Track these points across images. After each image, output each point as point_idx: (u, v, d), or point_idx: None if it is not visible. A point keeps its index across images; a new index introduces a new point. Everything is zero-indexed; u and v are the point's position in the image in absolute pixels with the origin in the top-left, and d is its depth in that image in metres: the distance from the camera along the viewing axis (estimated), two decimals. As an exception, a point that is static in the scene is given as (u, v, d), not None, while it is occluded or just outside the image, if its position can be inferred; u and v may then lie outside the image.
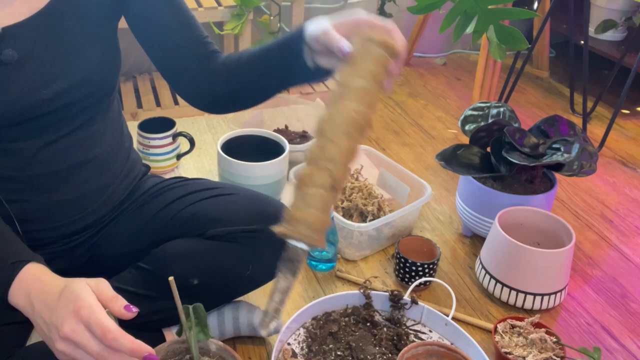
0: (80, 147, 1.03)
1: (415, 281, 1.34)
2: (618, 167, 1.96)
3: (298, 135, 1.87)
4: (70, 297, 0.73)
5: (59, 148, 1.00)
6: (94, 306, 0.72)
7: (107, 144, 1.08)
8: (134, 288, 1.07)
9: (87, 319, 0.71)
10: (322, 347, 1.17)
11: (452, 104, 2.33)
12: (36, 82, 0.92)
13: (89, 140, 1.04)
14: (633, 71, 1.91)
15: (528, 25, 2.24)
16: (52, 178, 1.01)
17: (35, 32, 0.92)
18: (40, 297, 0.77)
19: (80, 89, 0.97)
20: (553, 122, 1.51)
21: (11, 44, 0.89)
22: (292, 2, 2.01)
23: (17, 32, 0.90)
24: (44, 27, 0.92)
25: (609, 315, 1.36)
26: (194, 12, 1.93)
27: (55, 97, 0.94)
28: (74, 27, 0.95)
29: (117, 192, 1.13)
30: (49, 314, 0.75)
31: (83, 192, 1.05)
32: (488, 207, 1.44)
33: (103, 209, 1.11)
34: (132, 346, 0.71)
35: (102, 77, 1.01)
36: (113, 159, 1.11)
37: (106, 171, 1.09)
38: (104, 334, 0.71)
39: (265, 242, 1.10)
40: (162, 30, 1.03)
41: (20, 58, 0.90)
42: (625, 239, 1.62)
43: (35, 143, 0.97)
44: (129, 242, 1.14)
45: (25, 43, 0.91)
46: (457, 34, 1.30)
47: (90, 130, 1.04)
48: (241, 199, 1.15)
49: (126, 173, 1.15)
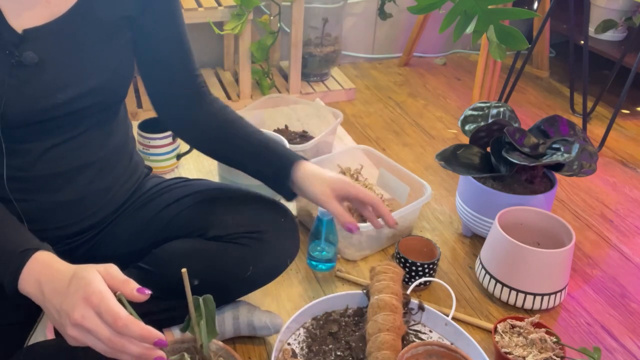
0: (85, 149, 1.03)
1: (415, 281, 1.34)
2: (618, 167, 1.96)
3: (298, 135, 1.87)
4: (81, 284, 0.74)
5: (65, 150, 1.00)
6: (104, 292, 0.73)
7: (113, 147, 1.09)
8: None
9: (98, 306, 0.72)
10: (322, 347, 1.18)
11: (452, 104, 2.33)
12: (52, 86, 0.93)
13: (95, 143, 1.05)
14: (633, 71, 1.91)
15: (528, 25, 2.24)
16: (57, 179, 1.01)
17: (54, 36, 0.93)
18: (50, 284, 0.77)
19: (93, 96, 0.98)
20: (553, 122, 1.51)
21: (31, 46, 0.90)
22: (292, 2, 2.01)
23: (37, 35, 0.91)
24: (63, 32, 0.93)
25: (609, 315, 1.36)
26: (194, 12, 1.94)
27: (68, 102, 0.95)
28: (91, 35, 0.96)
29: (120, 194, 1.13)
30: (59, 301, 0.75)
31: (86, 193, 1.06)
32: (488, 207, 1.44)
33: (105, 210, 1.12)
34: (142, 332, 0.72)
35: (115, 85, 1.02)
36: (117, 161, 1.11)
37: (110, 173, 1.09)
38: (115, 320, 0.71)
39: (266, 243, 1.11)
40: (159, 59, 1.07)
41: (40, 61, 0.91)
42: (625, 239, 1.62)
43: (42, 145, 0.97)
44: (130, 242, 1.14)
45: (44, 46, 0.92)
46: (457, 34, 1.30)
47: (97, 134, 1.04)
48: (242, 200, 1.15)
49: (129, 175, 1.16)
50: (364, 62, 2.66)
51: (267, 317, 1.20)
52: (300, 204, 1.57)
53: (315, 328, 1.22)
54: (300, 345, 1.19)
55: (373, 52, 2.68)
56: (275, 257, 1.14)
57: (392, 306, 1.15)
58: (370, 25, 2.62)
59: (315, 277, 1.42)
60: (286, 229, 1.15)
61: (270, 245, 1.11)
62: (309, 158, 1.66)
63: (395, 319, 1.13)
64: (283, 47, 2.35)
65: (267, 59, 2.15)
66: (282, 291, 1.37)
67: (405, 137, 2.08)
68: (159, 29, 1.05)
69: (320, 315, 1.25)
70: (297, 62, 2.15)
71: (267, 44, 2.06)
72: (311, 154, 1.71)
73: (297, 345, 1.19)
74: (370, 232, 1.44)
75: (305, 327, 1.22)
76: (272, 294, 1.35)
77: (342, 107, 2.21)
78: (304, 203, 1.54)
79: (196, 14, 1.95)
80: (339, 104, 2.25)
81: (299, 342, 1.19)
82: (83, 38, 0.95)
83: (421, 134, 2.10)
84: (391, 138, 2.06)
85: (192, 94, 1.12)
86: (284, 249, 1.15)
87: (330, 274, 1.43)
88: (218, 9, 1.97)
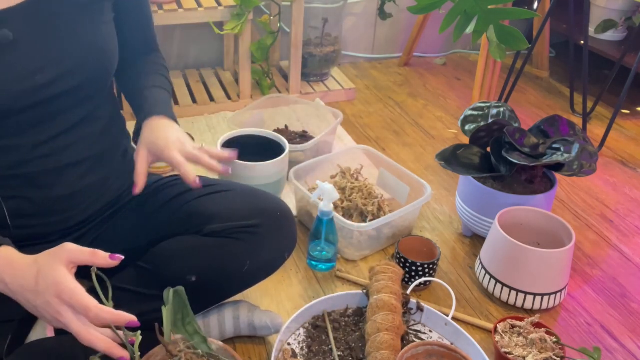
0: (78, 145, 1.03)
1: (415, 281, 1.34)
2: (618, 167, 1.96)
3: (298, 135, 1.87)
4: (49, 282, 0.79)
5: (58, 146, 1.00)
6: (73, 288, 0.79)
7: (106, 143, 1.09)
8: (134, 287, 1.08)
9: (70, 302, 0.78)
10: (322, 347, 1.18)
11: (452, 104, 2.33)
12: (30, 67, 0.92)
13: (88, 139, 1.04)
14: (633, 71, 1.91)
15: (528, 25, 2.24)
16: (49, 175, 1.01)
17: (28, 16, 0.93)
18: (15, 281, 0.82)
19: (74, 76, 0.97)
20: (553, 122, 1.51)
21: (5, 27, 0.90)
22: (292, 2, 2.01)
23: (10, 16, 0.91)
24: (37, 12, 0.93)
25: (609, 315, 1.36)
26: (194, 12, 1.94)
27: (48, 84, 0.94)
28: (68, 15, 0.96)
29: (113, 188, 1.13)
30: (33, 297, 0.81)
31: (79, 188, 1.05)
32: (488, 207, 1.44)
33: (98, 204, 1.11)
34: (113, 317, 0.79)
35: (96, 65, 1.01)
36: (111, 157, 1.11)
37: (103, 168, 1.09)
38: (86, 312, 0.78)
39: (262, 237, 1.11)
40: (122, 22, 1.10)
41: (15, 40, 0.91)
42: (625, 239, 1.62)
43: (30, 139, 0.97)
44: (127, 240, 1.14)
45: (18, 27, 0.92)
46: (457, 34, 1.30)
47: (88, 129, 1.04)
48: (238, 195, 1.15)
49: (123, 170, 1.15)
50: (364, 62, 2.66)
51: (267, 317, 1.20)
52: (300, 204, 1.57)
53: (314, 328, 1.22)
54: (300, 345, 1.19)
55: (373, 52, 2.68)
56: (272, 251, 1.14)
57: (391, 306, 1.15)
58: (370, 25, 2.62)
59: (315, 277, 1.42)
60: (282, 222, 1.15)
61: (266, 239, 1.11)
62: (309, 158, 1.67)
63: (394, 318, 1.14)
64: (283, 47, 2.35)
65: (267, 59, 2.15)
66: (282, 291, 1.37)
67: (405, 137, 2.08)
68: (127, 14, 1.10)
69: (320, 315, 1.25)
70: (297, 62, 2.15)
71: (267, 44, 2.06)
72: (311, 154, 1.71)
73: (297, 345, 1.19)
74: (370, 232, 1.44)
75: (305, 327, 1.22)
76: (272, 294, 1.35)
77: (342, 107, 2.21)
78: (304, 203, 1.54)
79: (196, 14, 1.95)
80: (339, 104, 2.25)
81: (299, 342, 1.19)
82: (59, 17, 0.95)
83: (421, 134, 2.10)
84: (391, 138, 2.06)
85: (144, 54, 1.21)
86: (281, 242, 1.15)
87: (330, 274, 1.43)
88: (218, 9, 1.97)
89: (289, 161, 1.59)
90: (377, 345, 1.10)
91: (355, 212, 1.51)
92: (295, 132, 1.89)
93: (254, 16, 2.04)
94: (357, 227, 1.40)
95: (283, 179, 1.57)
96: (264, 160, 1.50)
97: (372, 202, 1.51)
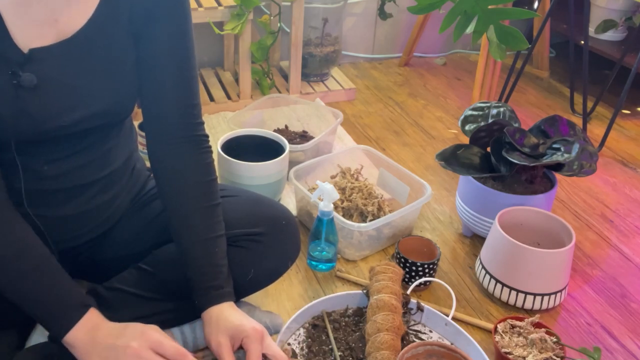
0: (90, 166, 1.02)
1: (415, 281, 1.34)
2: (618, 167, 1.95)
3: (298, 135, 1.87)
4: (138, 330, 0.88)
5: (71, 166, 0.99)
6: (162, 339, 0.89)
7: (117, 162, 1.08)
8: (135, 289, 1.07)
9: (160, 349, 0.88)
10: (322, 347, 1.18)
11: (452, 104, 2.33)
12: (56, 109, 0.91)
13: (100, 160, 1.03)
14: (633, 71, 1.90)
15: (528, 25, 2.24)
16: (59, 195, 1.00)
17: (61, 58, 0.90)
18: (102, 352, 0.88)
19: (99, 118, 0.97)
20: (553, 122, 1.51)
21: (34, 67, 0.88)
22: (292, 2, 2.01)
23: (44, 55, 0.89)
24: (71, 53, 0.91)
25: (609, 315, 1.36)
26: (194, 12, 1.94)
27: (73, 124, 0.93)
28: (99, 58, 0.94)
29: (122, 205, 1.13)
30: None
31: (88, 208, 1.05)
32: (488, 207, 1.44)
33: (107, 224, 1.11)
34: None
35: (122, 108, 1.00)
36: (121, 175, 1.10)
37: (113, 187, 1.08)
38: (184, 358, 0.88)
39: (266, 245, 1.10)
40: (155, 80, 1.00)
41: (41, 83, 0.89)
42: (625, 239, 1.62)
43: (44, 159, 0.96)
44: (130, 244, 1.13)
45: (49, 68, 0.89)
46: (457, 34, 1.30)
47: (101, 151, 1.03)
48: (242, 202, 1.15)
49: (132, 185, 1.15)
50: (364, 62, 2.66)
51: (267, 317, 1.20)
52: (300, 204, 1.57)
53: (314, 328, 1.22)
54: (300, 345, 1.19)
55: (373, 52, 2.68)
56: (276, 259, 1.13)
57: (391, 306, 1.15)
58: (370, 25, 2.62)
59: (315, 277, 1.42)
60: (286, 230, 1.14)
61: (270, 247, 1.10)
62: (309, 158, 1.67)
63: (394, 318, 1.14)
64: (283, 47, 2.35)
65: (267, 59, 2.15)
66: (282, 291, 1.37)
67: (405, 137, 2.08)
68: (160, 50, 0.98)
69: (320, 315, 1.25)
70: (297, 62, 2.15)
71: (267, 44, 2.06)
72: (311, 154, 1.71)
73: (297, 345, 1.19)
74: (370, 232, 1.44)
75: (305, 327, 1.22)
76: (272, 294, 1.35)
77: (342, 107, 2.21)
78: (304, 203, 1.54)
79: (196, 14, 1.95)
80: (339, 104, 2.25)
81: (299, 342, 1.19)
82: (90, 60, 0.93)
83: (421, 134, 2.10)
84: (391, 138, 2.06)
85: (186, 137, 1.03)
86: (285, 250, 1.14)
87: (330, 274, 1.43)
88: (218, 9, 1.97)
89: (289, 161, 1.59)
90: (377, 345, 1.10)
91: (355, 212, 1.51)
92: (295, 132, 1.89)
93: (254, 16, 2.04)
94: (357, 227, 1.40)
95: (283, 179, 1.57)
96: (264, 160, 1.50)
97: (372, 202, 1.51)
